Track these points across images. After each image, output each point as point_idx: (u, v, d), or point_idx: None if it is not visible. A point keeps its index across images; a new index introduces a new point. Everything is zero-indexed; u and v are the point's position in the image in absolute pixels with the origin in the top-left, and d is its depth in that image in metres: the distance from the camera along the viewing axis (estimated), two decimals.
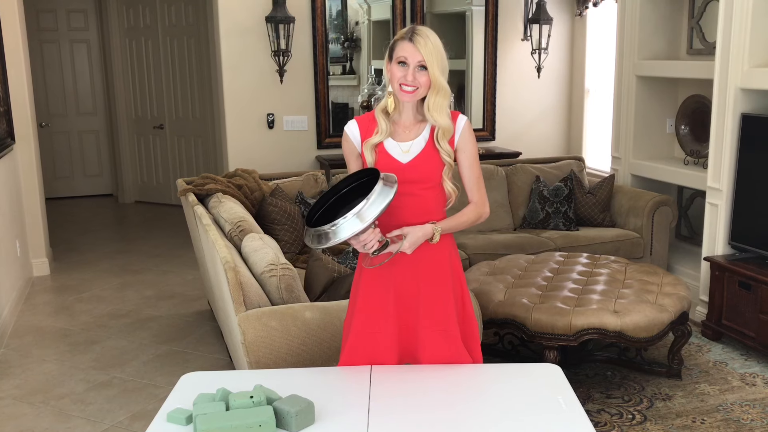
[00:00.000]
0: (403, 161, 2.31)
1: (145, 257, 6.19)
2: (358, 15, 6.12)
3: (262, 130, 5.83)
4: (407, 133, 2.34)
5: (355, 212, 2.05)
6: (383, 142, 2.33)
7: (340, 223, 2.06)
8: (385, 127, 2.32)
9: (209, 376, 2.30)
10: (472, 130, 2.40)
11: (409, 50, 2.24)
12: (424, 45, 2.22)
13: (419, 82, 2.24)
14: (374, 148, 2.33)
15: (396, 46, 2.28)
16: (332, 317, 2.81)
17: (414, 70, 2.23)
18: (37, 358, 4.12)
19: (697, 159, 5.03)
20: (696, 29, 5.09)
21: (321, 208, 2.25)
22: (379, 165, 2.31)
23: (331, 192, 2.28)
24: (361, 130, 2.37)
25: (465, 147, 2.36)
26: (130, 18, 8.03)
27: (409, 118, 2.35)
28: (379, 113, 2.34)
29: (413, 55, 2.23)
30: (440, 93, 2.26)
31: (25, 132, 5.44)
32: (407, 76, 2.24)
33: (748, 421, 3.25)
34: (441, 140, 2.30)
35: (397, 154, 2.32)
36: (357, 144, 2.38)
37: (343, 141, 2.43)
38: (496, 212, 5.15)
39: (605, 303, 3.44)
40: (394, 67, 2.27)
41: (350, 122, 2.41)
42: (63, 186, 8.69)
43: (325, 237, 2.09)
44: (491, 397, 2.11)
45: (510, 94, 6.42)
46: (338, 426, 1.93)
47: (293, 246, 4.37)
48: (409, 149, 2.32)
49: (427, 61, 2.22)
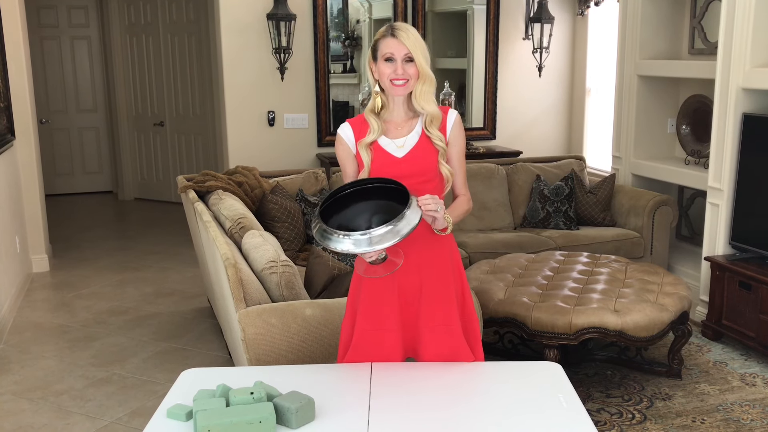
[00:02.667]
0: (398, 156, 2.33)
1: (145, 254, 6.18)
2: (359, 13, 6.11)
3: (262, 127, 5.83)
4: (400, 130, 2.36)
5: (390, 227, 2.02)
6: (377, 141, 2.35)
7: (375, 233, 2.02)
8: (377, 126, 2.34)
9: (209, 373, 2.30)
10: (463, 126, 2.43)
11: (393, 45, 2.27)
12: (407, 38, 2.26)
13: (408, 74, 2.28)
14: (369, 147, 2.34)
15: (379, 45, 2.31)
16: (332, 314, 2.81)
17: (402, 64, 2.27)
18: (36, 354, 4.12)
19: (698, 159, 5.03)
20: (698, 29, 5.09)
21: (327, 202, 2.21)
22: (376, 162, 2.33)
23: (340, 189, 2.24)
24: (355, 132, 2.39)
25: (455, 141, 2.39)
26: (130, 14, 8.02)
27: (400, 115, 2.37)
28: (369, 114, 2.36)
29: (399, 49, 2.27)
30: (427, 81, 2.30)
31: (25, 128, 5.44)
32: (397, 70, 2.27)
33: (748, 421, 3.25)
34: (430, 127, 2.33)
35: (392, 150, 2.34)
36: (352, 145, 2.39)
37: (336, 144, 2.44)
38: (497, 211, 5.15)
39: (606, 302, 3.43)
40: (381, 66, 2.30)
41: (343, 125, 2.43)
42: (63, 183, 8.68)
43: (353, 243, 2.03)
44: (492, 394, 2.11)
45: (511, 93, 6.42)
46: (338, 422, 1.93)
47: (293, 243, 4.37)
48: (403, 144, 2.34)
49: (413, 53, 2.26)
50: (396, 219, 2.03)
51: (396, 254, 2.21)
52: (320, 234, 2.09)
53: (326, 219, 2.14)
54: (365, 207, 2.20)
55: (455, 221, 2.34)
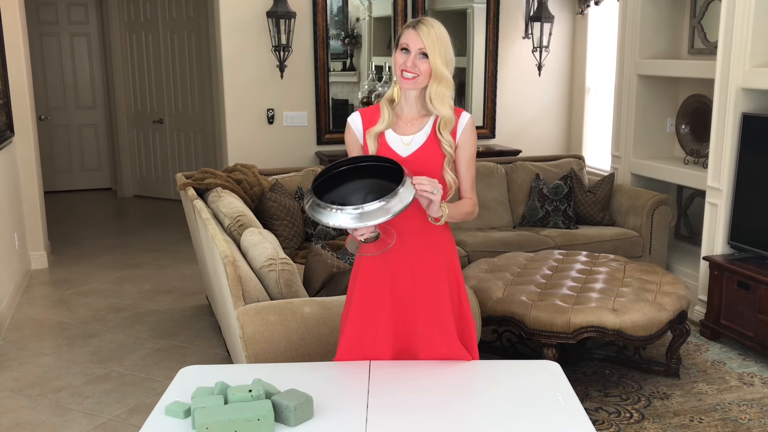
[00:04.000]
0: (403, 154, 2.31)
1: (144, 251, 6.18)
2: (359, 11, 6.11)
3: (261, 125, 5.82)
4: (410, 127, 2.34)
5: (382, 204, 2.00)
6: (384, 134, 2.33)
7: (367, 208, 2.00)
8: (388, 117, 2.32)
9: (208, 370, 2.30)
10: (475, 130, 2.40)
11: (411, 37, 2.26)
12: (426, 33, 2.24)
13: (419, 69, 2.25)
14: (377, 137, 2.33)
15: (402, 35, 2.31)
16: (331, 312, 2.81)
17: (415, 57, 2.25)
18: (34, 351, 4.12)
19: (697, 158, 5.03)
20: (697, 29, 5.09)
21: (323, 176, 2.19)
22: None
23: (335, 165, 2.21)
24: (364, 121, 2.38)
25: (466, 144, 2.35)
26: (130, 12, 8.01)
27: (412, 111, 2.35)
28: (384, 103, 2.35)
29: (415, 42, 2.25)
30: (442, 82, 2.27)
31: (25, 125, 5.43)
32: (407, 62, 2.25)
33: (746, 421, 3.26)
34: (443, 130, 2.30)
35: (397, 147, 2.32)
36: (359, 134, 2.38)
37: (346, 133, 2.44)
38: (496, 210, 5.15)
39: (604, 301, 3.43)
40: (396, 55, 2.30)
41: (353, 114, 2.42)
42: (62, 180, 8.68)
43: (345, 218, 2.01)
44: (490, 393, 2.11)
45: (510, 91, 6.42)
46: (337, 420, 1.93)
47: (292, 241, 4.37)
48: (410, 142, 2.32)
49: (428, 49, 2.24)
50: (389, 196, 2.01)
51: (388, 233, 2.19)
52: (312, 208, 2.07)
53: (320, 195, 2.11)
54: (360, 185, 2.17)
55: (454, 219, 2.31)
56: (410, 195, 2.05)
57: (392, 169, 2.14)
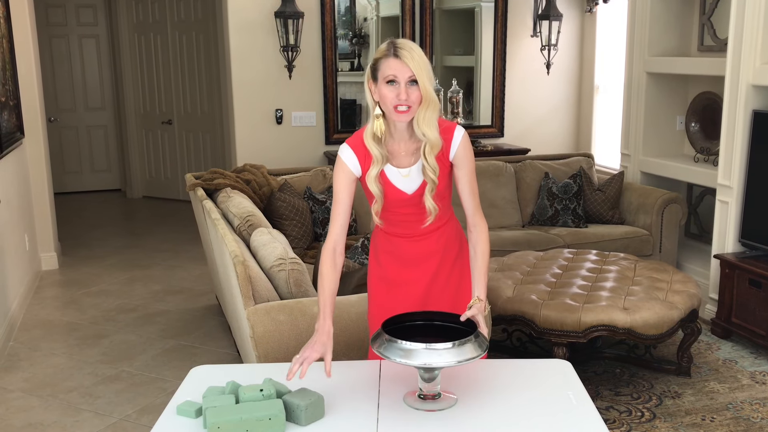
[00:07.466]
0: (408, 192, 2.21)
1: (153, 252, 6.20)
2: (367, 11, 6.10)
3: (270, 125, 5.83)
4: (405, 157, 2.20)
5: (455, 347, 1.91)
6: (384, 171, 2.19)
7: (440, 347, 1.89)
8: (380, 156, 2.16)
9: (218, 370, 2.30)
10: (471, 144, 2.25)
11: (396, 67, 2.07)
12: (410, 58, 2.06)
13: (412, 100, 2.08)
14: (377, 179, 2.18)
15: (380, 65, 2.10)
16: (340, 311, 2.81)
17: (405, 87, 2.07)
18: (45, 351, 4.13)
19: (707, 156, 5.01)
20: (707, 26, 5.06)
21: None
22: (387, 199, 2.22)
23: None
24: (360, 159, 2.21)
25: (463, 162, 2.21)
26: (139, 13, 8.04)
27: (404, 139, 2.19)
28: (370, 141, 2.16)
29: (402, 71, 2.06)
30: (430, 106, 2.09)
31: (34, 126, 5.45)
32: (400, 95, 2.07)
33: (758, 420, 3.24)
34: (428, 155, 2.14)
35: (399, 183, 2.21)
36: (356, 170, 2.21)
37: (336, 168, 2.23)
38: (505, 209, 5.14)
39: (614, 300, 3.42)
40: (383, 89, 2.10)
41: (344, 148, 2.22)
42: (71, 181, 8.71)
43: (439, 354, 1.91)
44: (501, 391, 2.10)
45: (519, 90, 6.40)
46: (348, 420, 1.93)
47: (301, 241, 4.37)
48: (408, 174, 2.20)
49: (417, 75, 2.05)
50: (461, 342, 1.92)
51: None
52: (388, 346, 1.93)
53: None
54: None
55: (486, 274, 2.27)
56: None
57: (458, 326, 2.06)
